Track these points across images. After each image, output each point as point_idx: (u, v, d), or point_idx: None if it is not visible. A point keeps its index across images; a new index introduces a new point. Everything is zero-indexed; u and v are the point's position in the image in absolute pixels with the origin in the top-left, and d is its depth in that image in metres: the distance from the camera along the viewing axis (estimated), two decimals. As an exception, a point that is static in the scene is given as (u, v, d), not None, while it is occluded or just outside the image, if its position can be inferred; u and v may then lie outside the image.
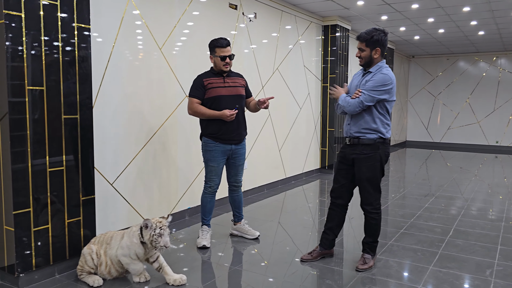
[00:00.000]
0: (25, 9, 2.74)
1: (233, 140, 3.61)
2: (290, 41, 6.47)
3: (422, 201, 5.44)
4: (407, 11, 6.69)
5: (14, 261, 2.81)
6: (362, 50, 3.08)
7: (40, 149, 2.89)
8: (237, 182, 3.80)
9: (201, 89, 3.54)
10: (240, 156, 3.73)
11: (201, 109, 3.51)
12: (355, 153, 3.11)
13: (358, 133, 3.09)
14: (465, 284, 2.94)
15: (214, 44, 3.57)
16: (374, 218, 3.17)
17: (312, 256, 3.36)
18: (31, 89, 2.81)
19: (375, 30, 3.06)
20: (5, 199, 2.82)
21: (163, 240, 2.83)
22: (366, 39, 3.04)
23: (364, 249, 3.27)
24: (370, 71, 3.09)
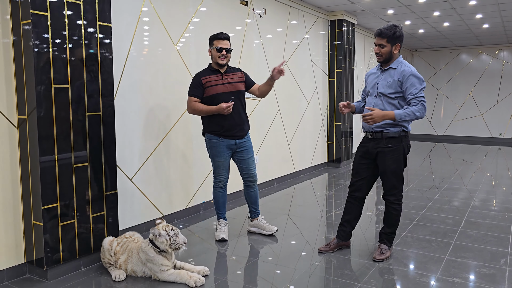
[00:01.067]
0: (51, 9, 2.79)
1: (236, 135, 3.64)
2: (298, 36, 6.52)
3: (429, 193, 5.52)
4: (413, 5, 6.73)
5: (42, 254, 2.89)
6: (382, 46, 3.09)
7: (66, 145, 2.95)
8: (251, 176, 3.78)
9: (200, 88, 3.56)
10: (247, 149, 3.73)
11: (198, 107, 3.54)
12: (379, 146, 3.15)
13: (380, 127, 3.12)
14: (481, 273, 3.02)
15: (213, 37, 3.60)
16: (396, 209, 3.23)
17: (330, 247, 3.44)
18: (57, 87, 2.87)
19: (395, 26, 3.09)
20: (33, 195, 2.89)
21: (181, 238, 2.91)
22: (388, 35, 3.05)
23: (382, 239, 3.34)
24: (392, 67, 3.12)
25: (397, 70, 3.09)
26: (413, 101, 3.02)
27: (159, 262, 2.88)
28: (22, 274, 3.00)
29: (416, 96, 3.01)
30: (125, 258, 3.00)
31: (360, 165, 3.31)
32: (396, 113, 2.99)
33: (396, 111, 3.01)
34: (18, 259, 2.98)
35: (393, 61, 3.13)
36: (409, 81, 3.02)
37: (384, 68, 3.18)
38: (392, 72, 3.11)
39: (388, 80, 3.10)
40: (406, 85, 3.03)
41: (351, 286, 2.83)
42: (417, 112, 2.99)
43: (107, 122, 3.23)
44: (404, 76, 3.04)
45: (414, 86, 3.02)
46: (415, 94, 3.01)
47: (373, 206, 4.93)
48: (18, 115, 2.91)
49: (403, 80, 3.04)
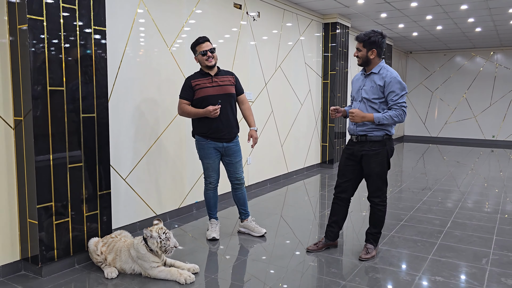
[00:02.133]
0: (47, 14, 2.88)
1: (224, 138, 3.69)
2: (292, 38, 6.62)
3: (420, 194, 5.63)
4: (406, 9, 6.84)
5: (37, 252, 2.98)
6: (359, 50, 3.23)
7: (61, 146, 3.04)
8: (239, 179, 3.85)
9: (190, 90, 3.64)
10: (235, 153, 3.78)
11: (187, 109, 3.63)
12: (364, 149, 3.26)
13: (365, 131, 3.24)
14: (463, 272, 3.12)
15: (194, 44, 3.67)
16: (380, 210, 3.35)
17: (318, 247, 3.54)
18: (52, 89, 2.96)
19: (373, 32, 3.21)
20: (29, 193, 2.97)
21: (172, 241, 3.00)
22: (364, 40, 3.19)
23: (368, 239, 3.45)
24: (373, 72, 3.23)
25: (378, 75, 3.20)
26: (394, 107, 3.14)
27: (150, 259, 2.97)
28: (17, 270, 3.08)
29: (396, 102, 3.13)
30: (113, 257, 3.09)
31: (346, 166, 3.41)
32: (375, 116, 3.14)
33: (375, 114, 3.14)
34: (13, 256, 3.06)
35: (374, 66, 3.24)
36: (390, 86, 3.14)
37: (366, 73, 3.29)
38: (374, 77, 3.22)
39: (371, 85, 3.21)
40: (388, 91, 3.15)
41: (336, 284, 2.93)
42: (395, 117, 3.13)
43: (101, 123, 3.32)
44: (386, 82, 3.15)
45: (395, 92, 3.13)
46: (395, 100, 3.13)
47: (366, 207, 5.03)
48: (14, 117, 2.99)
49: (385, 86, 3.16)
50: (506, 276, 3.03)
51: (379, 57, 3.25)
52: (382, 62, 3.27)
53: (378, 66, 3.23)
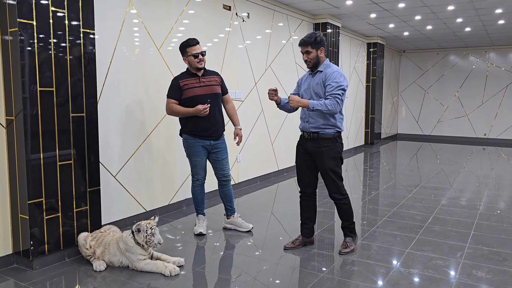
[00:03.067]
0: (36, 17, 3.00)
1: (211, 136, 3.82)
2: (282, 39, 6.74)
3: (409, 191, 5.77)
4: (394, 9, 6.97)
5: (29, 246, 3.11)
6: (309, 53, 3.35)
7: (51, 144, 3.17)
8: (225, 176, 3.97)
9: (178, 90, 3.73)
10: (222, 151, 3.91)
11: (176, 108, 3.73)
12: (316, 146, 3.38)
13: (317, 128, 3.36)
14: (437, 264, 3.26)
15: (184, 45, 3.74)
16: (345, 203, 3.47)
17: (295, 244, 3.64)
18: (42, 90, 3.08)
19: (314, 33, 3.36)
20: (20, 190, 3.10)
21: (156, 238, 3.14)
22: (310, 42, 3.32)
23: (345, 233, 3.57)
24: (319, 70, 3.37)
25: (323, 73, 3.34)
26: (329, 96, 3.24)
27: (137, 251, 3.11)
28: (9, 264, 3.22)
29: (332, 93, 3.24)
30: (102, 250, 3.22)
31: (303, 162, 3.53)
32: (310, 102, 3.23)
33: (310, 101, 3.25)
34: (5, 250, 3.19)
35: (321, 64, 3.38)
36: (329, 79, 3.28)
37: (313, 72, 3.42)
38: (320, 75, 3.36)
39: (318, 82, 3.35)
40: (326, 83, 3.29)
41: (315, 276, 3.06)
42: (329, 105, 3.20)
43: (91, 122, 3.45)
44: (327, 76, 3.30)
45: (331, 84, 3.25)
46: (330, 91, 3.24)
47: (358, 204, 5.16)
48: (6, 116, 3.12)
49: (325, 80, 3.30)
50: (477, 269, 3.17)
51: (325, 55, 3.41)
52: (327, 60, 3.42)
53: (324, 64, 3.38)
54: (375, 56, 10.36)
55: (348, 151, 9.65)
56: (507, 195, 5.67)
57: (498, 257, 3.40)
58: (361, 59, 10.17)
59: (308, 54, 3.35)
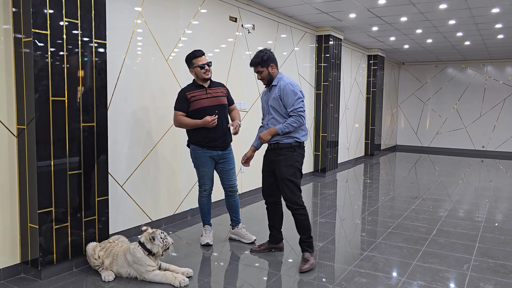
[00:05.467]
0: (50, 28, 3.03)
1: (218, 147, 3.83)
2: (285, 50, 6.81)
3: (410, 203, 5.79)
4: (396, 23, 7.06)
5: (37, 255, 3.10)
6: (260, 72, 3.51)
7: (61, 153, 3.18)
8: (232, 187, 3.99)
9: (185, 102, 3.76)
10: (229, 161, 3.94)
11: (184, 120, 3.75)
12: (275, 155, 3.50)
13: (276, 140, 3.48)
14: (444, 276, 3.27)
15: (190, 56, 3.79)
16: (302, 214, 3.46)
17: (260, 248, 3.80)
18: (54, 100, 3.10)
19: (261, 51, 3.50)
20: (30, 199, 3.10)
21: (169, 239, 3.18)
22: (259, 62, 3.47)
23: (303, 248, 3.49)
24: (273, 84, 3.52)
25: (277, 86, 3.49)
26: (292, 113, 3.40)
27: (146, 262, 3.10)
28: (17, 273, 3.20)
29: (293, 109, 3.39)
30: (110, 261, 3.21)
31: (266, 173, 3.66)
32: (277, 128, 3.42)
33: (277, 126, 3.43)
34: (14, 259, 3.18)
35: (274, 79, 3.54)
36: (285, 95, 3.42)
37: (269, 87, 3.58)
38: (275, 89, 3.50)
39: (274, 96, 3.48)
40: (284, 99, 3.43)
41: (323, 286, 3.07)
42: (294, 123, 3.38)
43: (100, 132, 3.46)
44: (281, 91, 3.44)
45: (289, 99, 3.40)
46: (292, 107, 3.40)
47: (359, 215, 5.19)
48: (18, 125, 3.13)
49: (281, 94, 3.44)
50: (485, 281, 3.19)
51: (277, 69, 3.55)
52: (280, 74, 3.57)
53: (277, 78, 3.53)
54: (375, 68, 10.46)
55: (348, 162, 9.69)
56: (507, 207, 5.70)
57: (505, 270, 3.42)
58: (362, 71, 10.26)
59: (260, 73, 3.51)
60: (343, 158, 9.41)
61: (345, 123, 9.37)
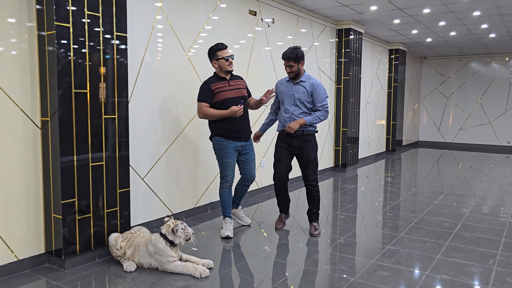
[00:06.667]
0: (73, 21, 3.07)
1: (242, 137, 3.92)
2: (306, 44, 6.75)
3: (433, 198, 5.68)
4: (418, 15, 6.92)
5: (61, 245, 3.15)
6: (291, 66, 3.89)
7: (84, 145, 3.22)
8: (252, 177, 4.12)
9: (209, 94, 3.81)
10: (251, 152, 4.06)
11: (210, 111, 3.81)
12: (302, 141, 3.96)
13: (301, 128, 3.92)
14: (469, 271, 3.19)
15: (214, 49, 3.87)
16: (318, 190, 4.09)
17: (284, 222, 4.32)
18: (77, 92, 3.14)
19: (295, 48, 3.87)
20: (54, 190, 3.16)
21: (189, 229, 3.23)
22: (294, 57, 3.85)
23: (312, 219, 4.12)
24: (302, 80, 3.95)
25: (307, 83, 3.94)
26: (320, 108, 3.94)
27: (167, 253, 3.12)
28: (42, 263, 3.27)
29: (322, 104, 3.94)
30: (132, 251, 3.24)
31: (286, 156, 4.07)
32: (306, 119, 3.90)
33: (306, 118, 3.90)
34: (38, 249, 3.25)
35: (301, 75, 3.96)
36: (316, 92, 3.92)
37: (295, 82, 3.96)
38: (304, 84, 3.94)
39: (303, 91, 3.93)
40: (314, 95, 3.92)
41: (346, 280, 3.03)
42: (321, 117, 3.94)
43: (122, 124, 3.50)
44: (314, 88, 3.92)
45: (319, 96, 3.92)
46: (321, 103, 3.93)
47: (380, 210, 5.12)
48: (41, 117, 3.18)
49: (313, 90, 3.91)
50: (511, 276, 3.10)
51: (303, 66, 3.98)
52: (306, 72, 4.01)
53: (305, 75, 3.98)
54: (396, 62, 10.29)
55: (369, 158, 9.57)
56: (537, 203, 5.54)
57: (533, 265, 3.32)
58: (383, 65, 10.11)
59: (291, 67, 3.90)
60: (364, 154, 9.30)
61: (366, 118, 9.26)
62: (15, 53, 3.03)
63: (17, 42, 3.04)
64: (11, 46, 3.00)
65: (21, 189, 3.12)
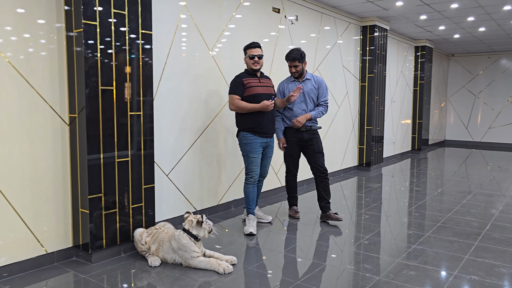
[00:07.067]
0: (99, 19, 3.12)
1: (268, 134, 4.04)
2: (329, 41, 6.69)
3: (460, 198, 5.54)
4: (446, 10, 6.76)
5: (88, 240, 3.22)
6: (296, 66, 4.26)
7: (110, 142, 3.28)
8: (265, 173, 4.24)
9: (241, 87, 3.94)
10: (271, 149, 4.18)
11: (242, 104, 3.91)
12: (310, 135, 4.35)
13: (311, 123, 4.34)
14: (500, 272, 3.09)
15: (246, 46, 4.07)
16: (328, 178, 4.42)
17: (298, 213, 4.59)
18: (103, 89, 3.20)
19: (298, 49, 4.24)
20: (81, 185, 3.22)
21: (210, 222, 3.29)
22: (298, 58, 4.22)
23: (328, 208, 4.41)
24: (307, 78, 4.36)
25: (312, 80, 4.35)
26: (322, 103, 4.38)
27: (191, 248, 3.14)
28: (69, 256, 3.34)
29: (325, 100, 4.39)
30: (156, 247, 3.28)
31: (296, 149, 4.41)
32: (312, 114, 4.31)
33: (311, 113, 4.31)
34: (66, 243, 3.32)
35: (305, 74, 4.37)
36: (321, 88, 4.38)
37: (301, 80, 4.35)
38: (311, 82, 4.35)
39: (311, 87, 4.33)
40: (320, 91, 4.37)
41: (370, 279, 2.98)
42: (324, 111, 4.39)
43: (147, 121, 3.54)
44: (319, 84, 4.37)
45: (323, 91, 4.38)
46: (324, 98, 4.38)
47: (406, 209, 5.03)
48: (69, 114, 3.25)
49: (318, 86, 4.36)
50: (545, 278, 2.99)
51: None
52: (307, 70, 4.41)
53: (308, 73, 4.40)
54: (423, 60, 10.09)
55: (394, 157, 9.42)
56: None
57: None
58: (408, 63, 9.93)
59: (296, 67, 4.27)
60: (389, 153, 9.15)
61: (391, 116, 9.11)
62: (45, 53, 3.10)
63: (47, 43, 3.11)
64: (41, 47, 3.08)
65: (50, 184, 3.20)
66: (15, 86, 2.96)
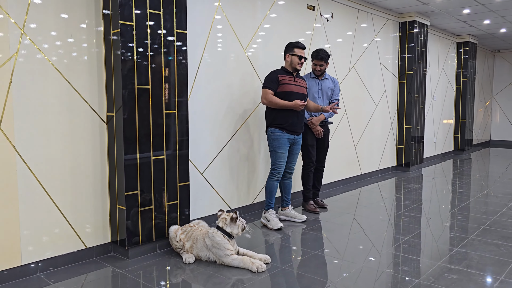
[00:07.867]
0: (136, 19, 3.18)
1: (296, 132, 4.08)
2: (366, 39, 6.54)
3: (507, 200, 5.27)
4: (491, 3, 6.45)
5: (125, 236, 3.28)
6: (322, 66, 4.58)
7: (146, 140, 3.33)
8: (291, 169, 4.25)
9: (276, 83, 3.99)
10: (298, 146, 4.22)
11: (275, 99, 3.95)
12: (325, 130, 4.75)
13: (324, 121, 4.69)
14: (551, 278, 2.91)
15: (294, 44, 4.08)
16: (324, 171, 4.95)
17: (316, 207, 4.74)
18: (140, 88, 3.26)
19: (324, 50, 4.56)
20: (118, 182, 3.29)
21: (242, 219, 3.29)
22: (326, 58, 4.56)
23: (317, 195, 4.94)
24: (326, 77, 4.69)
25: (329, 80, 4.70)
26: (333, 101, 4.66)
27: (225, 246, 3.14)
28: (107, 252, 3.42)
29: (337, 99, 4.72)
30: (190, 244, 3.30)
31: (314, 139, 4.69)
32: (325, 115, 4.65)
33: (325, 114, 4.62)
34: (104, 238, 3.40)
35: (324, 73, 4.68)
36: (336, 88, 4.75)
37: (321, 79, 4.67)
38: (329, 82, 4.69)
39: (329, 86, 4.68)
40: (334, 90, 4.72)
41: (409, 282, 2.87)
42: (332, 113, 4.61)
43: (182, 120, 3.57)
44: (335, 84, 4.74)
45: (337, 91, 4.77)
46: (337, 97, 4.74)
47: (447, 217, 4.84)
48: (107, 113, 3.33)
49: (334, 86, 4.72)
50: None
51: None
52: None
53: (326, 73, 4.73)
54: (466, 56, 9.69)
55: (435, 157, 9.10)
56: None
57: None
58: (450, 60, 9.56)
59: (321, 66, 4.58)
60: (430, 153, 8.85)
61: (431, 115, 8.80)
62: (86, 56, 3.19)
63: (88, 46, 3.21)
64: (83, 50, 3.17)
65: (89, 180, 3.29)
66: (58, 88, 3.06)
